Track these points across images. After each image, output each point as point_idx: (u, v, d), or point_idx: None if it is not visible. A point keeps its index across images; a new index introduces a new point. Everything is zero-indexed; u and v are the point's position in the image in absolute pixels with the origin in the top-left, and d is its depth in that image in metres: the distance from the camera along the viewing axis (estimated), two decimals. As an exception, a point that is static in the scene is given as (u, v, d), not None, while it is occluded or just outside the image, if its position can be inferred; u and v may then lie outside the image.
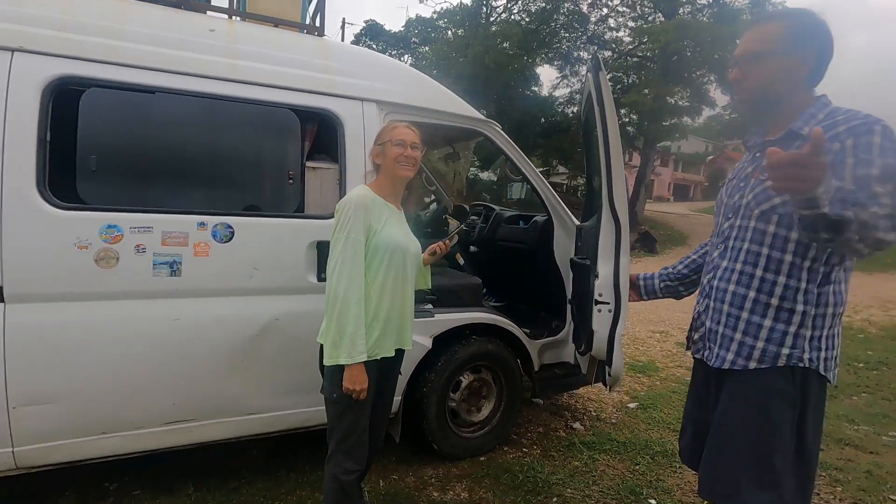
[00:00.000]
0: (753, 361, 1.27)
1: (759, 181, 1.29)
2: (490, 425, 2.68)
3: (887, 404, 3.59)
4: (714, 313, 1.36)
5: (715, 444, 1.33)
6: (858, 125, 1.14)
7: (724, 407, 1.33)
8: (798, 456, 1.25)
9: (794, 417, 1.24)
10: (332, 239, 1.64)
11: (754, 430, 1.26)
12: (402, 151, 1.69)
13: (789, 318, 1.24)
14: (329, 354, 1.60)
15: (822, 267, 1.22)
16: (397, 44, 24.06)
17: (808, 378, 1.25)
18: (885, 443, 2.94)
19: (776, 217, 1.23)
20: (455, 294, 2.61)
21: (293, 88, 2.13)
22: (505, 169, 4.58)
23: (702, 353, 1.41)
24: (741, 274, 1.30)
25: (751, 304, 1.28)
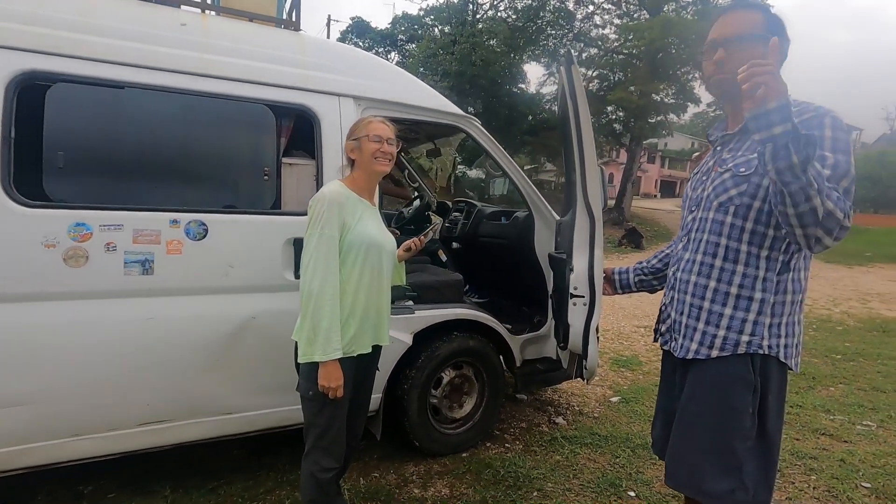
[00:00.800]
0: (715, 350, 1.29)
1: (718, 174, 1.31)
2: (472, 421, 2.69)
3: (863, 394, 3.66)
4: (678, 304, 1.38)
5: (678, 431, 1.36)
6: (810, 118, 1.17)
7: (686, 395, 1.35)
8: (760, 442, 1.27)
9: (754, 404, 1.26)
10: (306, 235, 1.63)
11: (715, 417, 1.28)
12: (379, 147, 1.68)
13: (748, 306, 1.26)
14: (304, 351, 1.59)
15: (780, 255, 1.24)
16: (384, 41, 23.95)
17: (769, 365, 1.27)
18: (859, 431, 3.00)
19: (733, 208, 1.25)
20: (436, 290, 2.61)
21: (268, 84, 2.11)
22: (486, 165, 4.59)
23: (669, 345, 1.43)
24: (702, 265, 1.32)
25: (711, 293, 1.30)
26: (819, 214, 1.03)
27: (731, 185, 1.25)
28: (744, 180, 1.23)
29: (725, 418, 1.26)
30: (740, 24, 1.26)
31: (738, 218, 1.25)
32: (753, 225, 1.23)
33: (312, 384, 1.61)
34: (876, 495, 2.32)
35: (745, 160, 1.24)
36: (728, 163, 1.29)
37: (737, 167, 1.25)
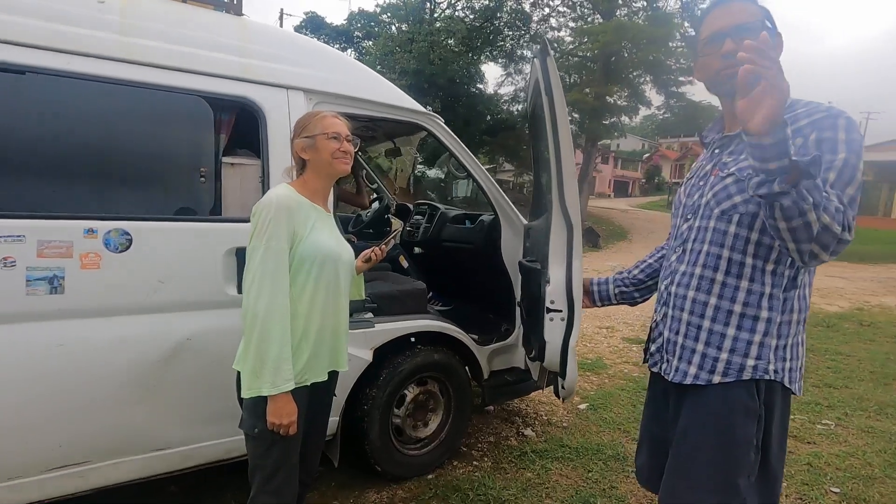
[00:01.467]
0: (717, 375, 1.15)
1: (718, 179, 1.18)
2: (438, 440, 2.51)
3: (817, 391, 3.74)
4: (673, 322, 1.25)
5: (674, 467, 1.22)
6: (821, 118, 1.06)
7: (684, 425, 1.21)
8: (763, 477, 1.16)
9: (758, 435, 1.14)
10: (249, 248, 1.40)
11: (716, 451, 1.15)
12: (337, 146, 1.47)
13: (753, 327, 1.14)
14: (248, 384, 1.36)
15: (786, 270, 1.13)
16: (339, 38, 23.34)
17: (773, 391, 1.15)
18: (820, 431, 3.04)
19: (737, 216, 1.13)
20: (398, 301, 2.42)
21: (203, 73, 1.85)
22: (449, 165, 4.44)
23: (659, 367, 1.30)
24: (701, 279, 1.19)
25: (712, 311, 1.17)
26: (814, 230, 0.92)
27: (735, 192, 1.12)
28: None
29: (728, 452, 1.13)
30: (744, 13, 1.13)
31: (742, 227, 1.12)
32: (759, 236, 1.11)
33: (259, 420, 1.39)
34: (846, 501, 2.32)
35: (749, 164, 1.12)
36: (730, 167, 1.16)
37: (741, 171, 1.12)
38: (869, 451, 2.78)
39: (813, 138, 1.05)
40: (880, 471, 2.58)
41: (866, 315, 6.56)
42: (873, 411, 3.36)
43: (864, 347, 4.98)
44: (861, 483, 2.45)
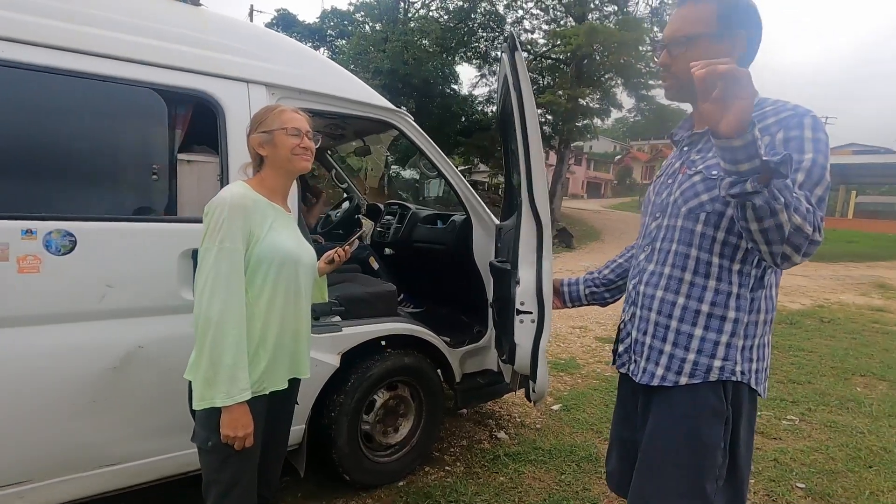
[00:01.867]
0: (684, 376, 1.13)
1: (686, 177, 1.16)
2: (409, 445, 2.45)
3: (782, 387, 3.83)
4: (641, 322, 1.22)
5: (642, 471, 1.20)
6: (788, 117, 1.05)
7: (650, 429, 1.19)
8: (730, 480, 1.14)
9: (726, 438, 1.13)
10: (201, 250, 1.31)
11: (684, 455, 1.12)
12: (298, 142, 1.39)
13: (721, 327, 1.12)
14: (201, 395, 1.27)
15: (753, 270, 1.11)
16: (312, 36, 23.00)
17: (740, 393, 1.14)
18: (785, 427, 3.10)
19: (703, 215, 1.11)
20: (367, 303, 2.34)
21: (154, 64, 1.74)
22: (420, 165, 4.38)
23: (627, 368, 1.27)
24: (670, 278, 1.17)
25: (680, 311, 1.15)
26: (786, 231, 0.91)
27: (703, 190, 1.11)
28: (716, 184, 1.08)
29: (696, 456, 1.11)
30: (687, 20, 1.12)
31: (709, 227, 1.11)
32: (726, 235, 1.09)
33: (212, 433, 1.30)
34: (811, 496, 2.36)
35: (717, 162, 1.10)
36: (698, 164, 1.14)
37: (708, 169, 1.11)
38: (832, 446, 2.84)
39: (780, 137, 1.04)
40: (843, 465, 2.64)
41: (826, 312, 6.79)
42: (835, 406, 3.45)
43: (824, 344, 5.14)
44: (825, 478, 2.50)
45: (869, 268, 12.74)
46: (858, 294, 8.52)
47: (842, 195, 32.71)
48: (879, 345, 5.15)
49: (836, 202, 32.51)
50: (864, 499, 2.34)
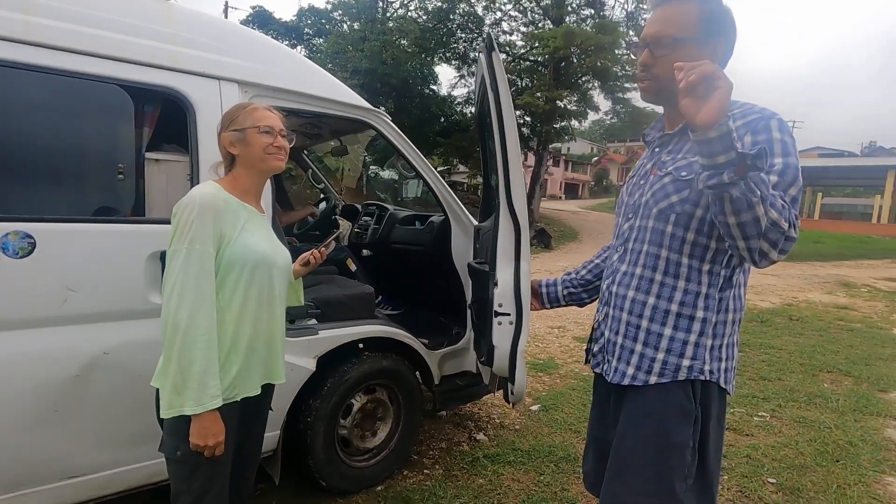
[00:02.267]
0: (654, 375, 1.14)
1: (657, 178, 1.17)
2: (388, 449, 2.42)
3: (753, 384, 3.92)
4: (613, 322, 1.23)
5: (613, 470, 1.20)
6: (755, 120, 1.06)
7: (621, 429, 1.20)
8: (700, 479, 1.15)
9: (695, 437, 1.14)
10: (169, 252, 1.26)
11: (654, 454, 1.14)
12: (271, 141, 1.35)
13: (689, 327, 1.13)
14: (169, 402, 1.23)
15: (722, 270, 1.13)
16: (289, 34, 22.68)
17: (709, 392, 1.15)
18: (757, 423, 3.18)
19: (674, 216, 1.12)
20: (344, 306, 2.31)
21: (120, 59, 1.68)
22: (398, 165, 4.34)
23: (601, 367, 1.28)
24: (641, 279, 1.18)
25: (650, 311, 1.16)
26: (762, 225, 0.91)
27: (673, 191, 1.12)
28: (686, 185, 1.10)
29: (665, 455, 1.12)
30: (671, 22, 1.11)
31: (678, 227, 1.12)
32: (695, 236, 1.10)
33: (181, 442, 1.25)
34: (782, 491, 2.42)
35: (687, 163, 1.11)
36: (668, 166, 1.15)
37: (678, 171, 1.12)
38: (801, 441, 2.92)
39: (748, 140, 1.05)
40: (811, 460, 2.71)
41: (795, 310, 7.00)
42: (804, 402, 3.55)
43: (793, 341, 5.29)
44: (795, 473, 2.57)
45: (834, 267, 13.20)
46: (824, 293, 8.81)
47: (808, 197, 33.88)
48: (844, 342, 5.33)
49: (803, 203, 33.54)
50: (832, 492, 2.41)
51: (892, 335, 5.74)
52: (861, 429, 3.13)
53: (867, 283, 10.18)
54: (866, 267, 13.48)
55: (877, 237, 22.00)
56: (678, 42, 1.10)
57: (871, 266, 13.77)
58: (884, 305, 7.72)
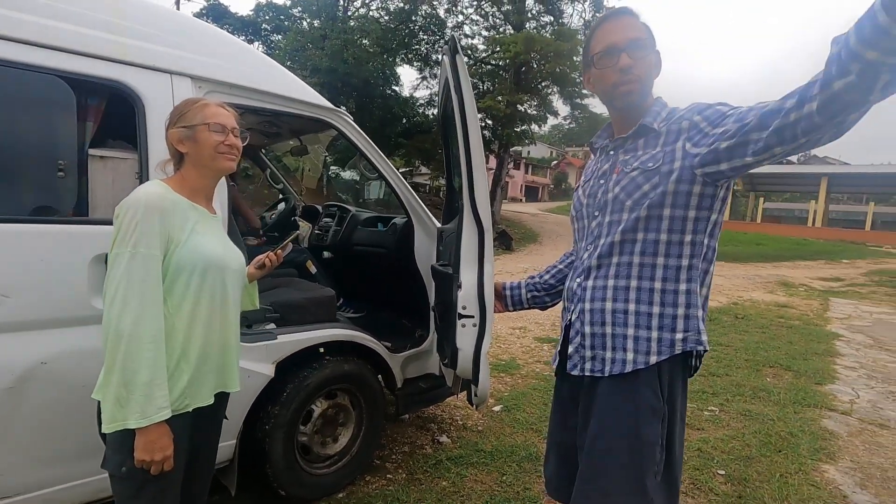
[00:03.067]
0: (653, 355, 1.17)
1: (623, 174, 1.24)
2: (349, 455, 2.37)
3: (704, 380, 4.10)
4: (595, 315, 1.24)
5: (585, 473, 1.22)
6: (694, 105, 1.19)
7: (593, 431, 1.21)
8: (667, 474, 1.19)
9: (663, 434, 1.17)
10: (111, 256, 1.19)
11: (626, 454, 1.16)
12: (222, 139, 1.30)
13: (675, 300, 1.17)
14: (111, 416, 1.15)
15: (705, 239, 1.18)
16: (245, 29, 21.99)
17: (675, 383, 1.19)
18: (707, 417, 3.32)
19: (647, 201, 1.17)
20: (304, 309, 2.25)
21: (60, 49, 1.57)
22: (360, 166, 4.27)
23: (580, 367, 1.27)
24: (619, 266, 1.22)
25: (635, 293, 1.19)
26: None
27: (643, 181, 1.18)
28: (654, 173, 1.17)
29: (637, 454, 1.15)
30: (636, 28, 1.20)
31: (654, 209, 1.17)
32: (671, 210, 1.16)
33: (126, 457, 1.18)
34: (730, 482, 2.53)
35: (649, 156, 1.19)
36: (631, 163, 1.22)
37: (643, 164, 1.19)
38: (747, 433, 3.08)
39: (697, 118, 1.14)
40: (756, 451, 2.86)
41: (740, 309, 7.37)
42: (749, 396, 3.75)
43: (739, 338, 5.57)
44: (742, 464, 2.70)
45: (775, 267, 14.01)
46: (766, 292, 9.34)
47: (751, 202, 35.86)
48: (784, 338, 5.66)
49: (746, 208, 35.58)
50: (775, 481, 2.55)
51: (826, 331, 6.15)
52: (800, 420, 3.33)
53: (804, 282, 10.86)
54: (803, 267, 14.39)
55: (812, 240, 23.52)
56: (648, 43, 1.19)
57: (808, 266, 14.71)
58: (818, 303, 8.26)
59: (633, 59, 1.18)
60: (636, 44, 1.18)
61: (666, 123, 1.20)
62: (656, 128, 1.20)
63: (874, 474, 2.70)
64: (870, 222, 30.65)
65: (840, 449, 2.97)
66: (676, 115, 1.20)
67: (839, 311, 7.64)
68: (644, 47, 1.18)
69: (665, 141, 1.18)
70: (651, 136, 1.21)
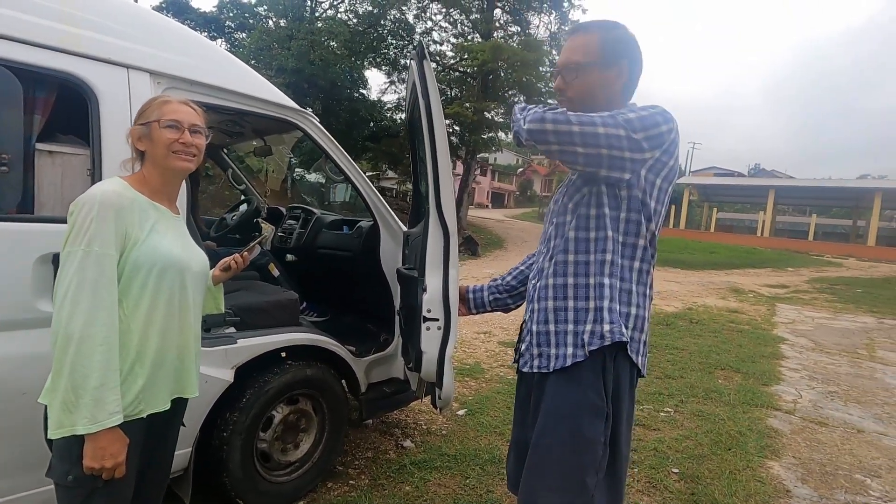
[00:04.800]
0: (587, 347, 1.21)
1: (571, 181, 1.33)
2: (311, 461, 2.33)
3: (660, 382, 4.25)
4: (539, 314, 1.29)
5: (529, 468, 1.27)
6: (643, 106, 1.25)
7: (538, 429, 1.27)
8: (610, 471, 1.24)
9: (606, 433, 1.22)
10: (63, 254, 1.14)
11: (567, 452, 1.21)
12: (176, 137, 1.25)
13: (601, 293, 1.23)
14: (58, 422, 1.10)
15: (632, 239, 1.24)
16: (208, 25, 21.37)
17: (620, 380, 1.24)
18: (663, 418, 3.44)
19: (583, 200, 1.25)
20: (265, 313, 2.21)
21: (8, 38, 1.49)
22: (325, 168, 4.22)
23: (529, 364, 1.32)
24: (557, 264, 1.28)
25: (572, 290, 1.25)
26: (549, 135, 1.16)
27: (581, 184, 1.26)
28: (591, 175, 1.23)
29: (577, 453, 1.20)
30: (576, 50, 1.27)
31: (584, 208, 1.25)
32: (597, 210, 1.23)
33: (73, 465, 1.13)
34: (684, 480, 2.63)
35: None
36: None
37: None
38: (700, 433, 3.20)
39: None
40: (708, 449, 2.98)
41: (694, 314, 7.68)
42: (702, 397, 3.91)
43: (693, 342, 5.80)
44: (695, 462, 2.81)
45: (727, 275, 14.67)
46: (718, 298, 9.76)
47: (706, 212, 37.48)
48: (735, 342, 5.93)
49: (701, 217, 37.14)
50: (725, 478, 2.66)
51: (773, 335, 6.49)
52: (748, 419, 3.50)
53: (753, 289, 11.42)
54: (752, 275, 15.13)
55: (760, 248, 24.76)
56: (582, 67, 1.25)
57: (756, 274, 15.48)
58: (766, 309, 8.70)
59: (565, 82, 1.26)
60: (569, 67, 1.26)
61: None
62: None
63: (814, 469, 2.87)
64: (812, 233, 32.59)
65: (784, 446, 3.14)
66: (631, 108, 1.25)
67: (784, 317, 8.07)
68: (573, 70, 1.25)
69: None
70: None
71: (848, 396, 4.20)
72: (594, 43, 1.25)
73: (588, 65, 1.24)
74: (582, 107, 1.24)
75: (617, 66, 1.26)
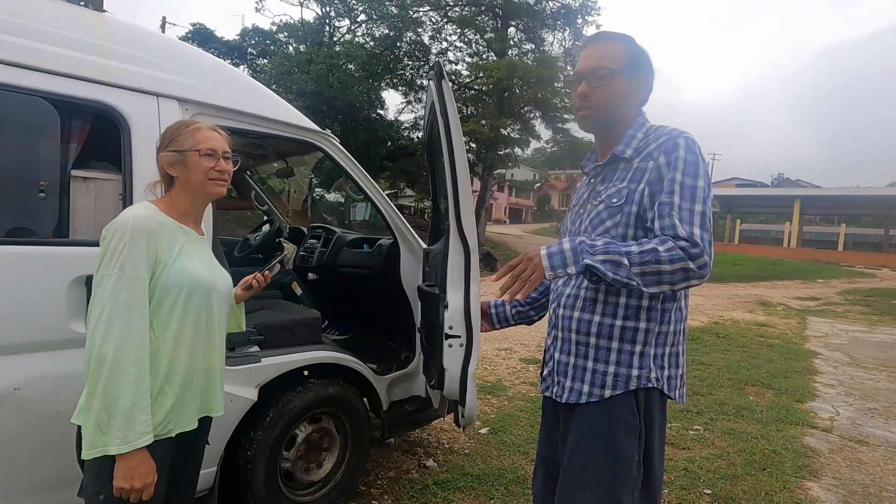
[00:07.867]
0: (608, 389, 1.20)
1: (593, 206, 1.27)
2: (333, 481, 2.32)
3: (688, 400, 4.13)
4: (563, 344, 1.28)
5: (563, 487, 1.24)
6: (665, 141, 1.18)
7: (571, 446, 1.24)
8: (645, 489, 1.20)
9: (640, 451, 1.19)
10: (96, 278, 1.17)
11: (602, 469, 1.18)
12: (213, 165, 1.29)
13: (634, 338, 1.20)
14: (91, 442, 1.12)
15: None
16: (231, 53, 22.09)
17: (652, 404, 1.21)
18: (692, 437, 3.33)
19: (609, 238, 1.19)
20: (288, 331, 2.23)
21: (46, 70, 1.57)
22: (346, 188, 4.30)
23: (551, 391, 1.31)
24: (585, 300, 1.25)
25: (597, 328, 1.22)
26: (662, 276, 1.06)
27: (606, 217, 1.21)
28: (617, 210, 1.19)
29: (613, 470, 1.17)
30: (605, 56, 1.23)
31: None
32: None
33: (104, 485, 1.15)
34: (717, 501, 2.53)
35: (616, 190, 1.21)
36: (602, 195, 1.25)
37: (609, 198, 1.22)
38: (732, 452, 3.09)
39: (662, 161, 1.16)
40: (742, 469, 2.87)
41: (721, 328, 7.49)
42: (733, 414, 3.78)
43: (721, 357, 5.64)
44: (728, 483, 2.71)
45: (753, 287, 14.30)
46: (746, 311, 9.50)
47: (728, 223, 36.77)
48: (765, 356, 5.75)
49: (724, 229, 36.43)
50: (761, 499, 2.56)
51: (805, 349, 6.27)
52: (783, 438, 3.36)
53: (781, 301, 11.10)
54: (780, 287, 14.72)
55: (787, 260, 24.13)
56: (613, 73, 1.21)
57: (784, 286, 15.05)
58: (796, 322, 8.43)
59: (591, 87, 1.21)
60: (595, 73, 1.21)
61: (638, 151, 1.21)
62: (627, 156, 1.23)
63: (856, 490, 2.73)
64: (842, 243, 31.63)
65: (822, 466, 3.00)
66: (651, 143, 1.20)
67: (816, 330, 7.80)
68: (604, 77, 1.20)
69: (632, 177, 1.20)
70: (622, 166, 1.24)
71: (889, 413, 4.02)
72: (622, 51, 1.22)
73: (618, 72, 1.20)
74: (606, 113, 1.23)
75: (641, 77, 1.25)
